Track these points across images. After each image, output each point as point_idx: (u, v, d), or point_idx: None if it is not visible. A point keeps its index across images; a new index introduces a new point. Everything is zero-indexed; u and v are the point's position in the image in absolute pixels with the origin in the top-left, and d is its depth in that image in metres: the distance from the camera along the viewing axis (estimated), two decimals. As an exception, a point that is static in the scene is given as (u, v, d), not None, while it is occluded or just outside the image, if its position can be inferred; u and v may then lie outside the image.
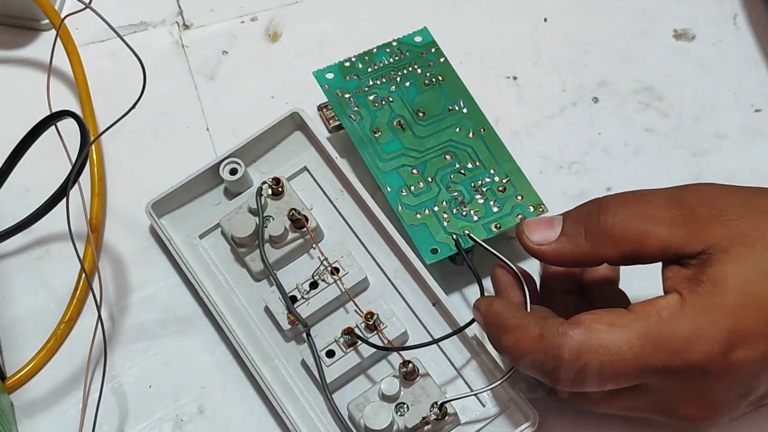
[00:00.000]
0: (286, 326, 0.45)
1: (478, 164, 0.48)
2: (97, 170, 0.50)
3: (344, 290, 0.46)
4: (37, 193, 0.45)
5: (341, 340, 0.45)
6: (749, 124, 0.52)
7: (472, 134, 0.49)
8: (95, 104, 0.52)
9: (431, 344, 0.44)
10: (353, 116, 0.49)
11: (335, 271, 0.46)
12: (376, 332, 0.45)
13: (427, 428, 0.43)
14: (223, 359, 0.47)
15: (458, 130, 0.49)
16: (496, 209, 0.47)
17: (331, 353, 0.45)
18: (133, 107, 0.40)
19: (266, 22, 0.55)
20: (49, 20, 0.52)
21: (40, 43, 0.55)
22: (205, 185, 0.49)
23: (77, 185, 0.45)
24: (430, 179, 0.48)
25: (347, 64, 0.50)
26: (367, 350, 0.45)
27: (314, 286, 0.46)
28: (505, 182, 0.48)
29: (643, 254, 0.39)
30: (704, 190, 0.39)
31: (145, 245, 0.50)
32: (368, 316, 0.45)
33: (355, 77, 0.50)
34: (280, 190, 0.47)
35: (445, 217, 0.47)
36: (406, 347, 0.44)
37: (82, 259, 0.46)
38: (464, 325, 0.44)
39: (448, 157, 0.48)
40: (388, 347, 0.44)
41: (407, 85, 0.50)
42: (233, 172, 0.48)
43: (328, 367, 0.45)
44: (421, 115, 0.49)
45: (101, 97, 0.52)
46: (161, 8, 0.55)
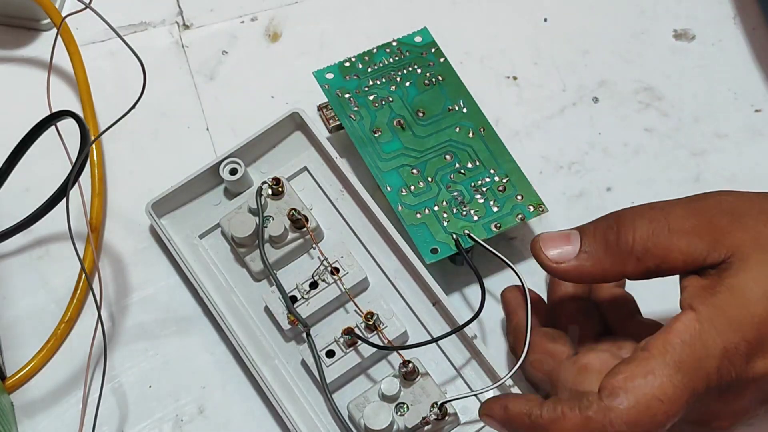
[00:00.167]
0: (286, 326, 0.45)
1: (478, 164, 0.48)
2: (97, 170, 0.50)
3: (344, 290, 0.46)
4: (37, 193, 0.45)
5: (341, 340, 0.45)
6: (749, 124, 0.52)
7: (472, 134, 0.49)
8: (95, 104, 0.52)
9: (431, 343, 0.44)
10: (353, 116, 0.49)
11: (335, 271, 0.46)
12: (376, 332, 0.45)
13: (427, 428, 0.43)
14: (223, 359, 0.47)
15: (458, 130, 0.49)
16: (496, 209, 0.47)
17: (331, 353, 0.45)
18: (133, 107, 0.40)
19: (266, 22, 0.55)
20: (49, 20, 0.53)
21: (40, 42, 0.55)
22: (205, 185, 0.49)
23: (77, 185, 0.45)
24: (430, 179, 0.48)
25: (347, 64, 0.50)
26: (367, 350, 0.45)
27: (314, 286, 0.46)
28: (505, 182, 0.48)
29: (665, 268, 0.38)
30: (721, 198, 0.39)
31: (145, 245, 0.50)
32: (368, 316, 0.45)
33: (355, 77, 0.50)
34: (280, 190, 0.47)
35: (445, 216, 0.47)
36: (405, 346, 0.44)
37: (82, 259, 0.46)
38: (464, 323, 0.44)
39: (448, 156, 0.48)
40: (387, 347, 0.44)
41: (407, 85, 0.50)
42: (233, 172, 0.48)
43: (328, 367, 0.45)
44: (421, 115, 0.49)
45: (101, 97, 0.52)
46: (161, 8, 0.55)
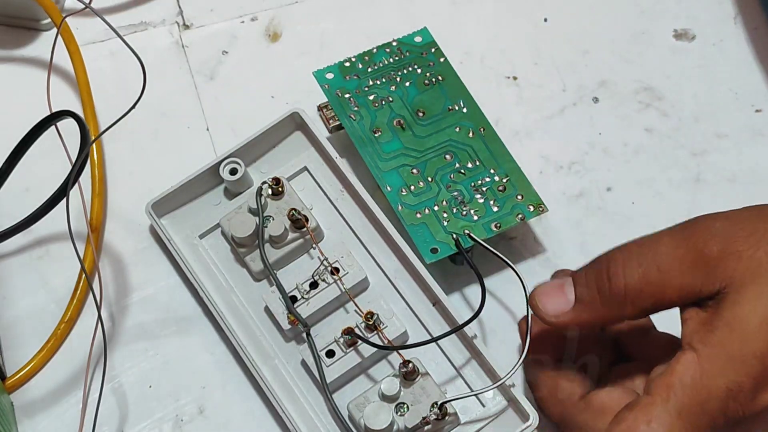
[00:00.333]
0: (286, 326, 0.45)
1: (478, 164, 0.48)
2: (97, 170, 0.50)
3: (344, 290, 0.46)
4: (37, 193, 0.45)
5: (341, 340, 0.45)
6: (749, 124, 0.52)
7: (472, 134, 0.49)
8: (95, 104, 0.52)
9: (431, 343, 0.44)
10: (353, 116, 0.49)
11: (335, 271, 0.46)
12: (376, 332, 0.45)
13: (427, 428, 0.43)
14: (223, 359, 0.47)
15: (458, 129, 0.49)
16: (496, 209, 0.47)
17: (331, 353, 0.45)
18: (133, 107, 0.40)
19: (266, 22, 0.55)
20: (50, 19, 0.52)
21: (40, 43, 0.55)
22: (205, 185, 0.49)
23: (77, 185, 0.45)
24: (430, 179, 0.48)
25: (347, 64, 0.50)
26: (367, 350, 0.45)
27: (314, 286, 0.46)
28: (505, 182, 0.48)
29: (661, 305, 0.39)
30: (709, 224, 0.38)
31: (145, 245, 0.50)
32: (368, 316, 0.45)
33: (355, 77, 0.50)
34: (280, 190, 0.47)
35: (445, 216, 0.47)
36: (405, 346, 0.44)
37: (82, 259, 0.46)
38: (464, 323, 0.44)
39: (448, 156, 0.48)
40: (387, 347, 0.44)
41: (407, 85, 0.50)
42: (233, 172, 0.48)
43: (328, 367, 0.45)
44: (421, 115, 0.49)
45: (101, 97, 0.52)
46: (161, 8, 0.55)
